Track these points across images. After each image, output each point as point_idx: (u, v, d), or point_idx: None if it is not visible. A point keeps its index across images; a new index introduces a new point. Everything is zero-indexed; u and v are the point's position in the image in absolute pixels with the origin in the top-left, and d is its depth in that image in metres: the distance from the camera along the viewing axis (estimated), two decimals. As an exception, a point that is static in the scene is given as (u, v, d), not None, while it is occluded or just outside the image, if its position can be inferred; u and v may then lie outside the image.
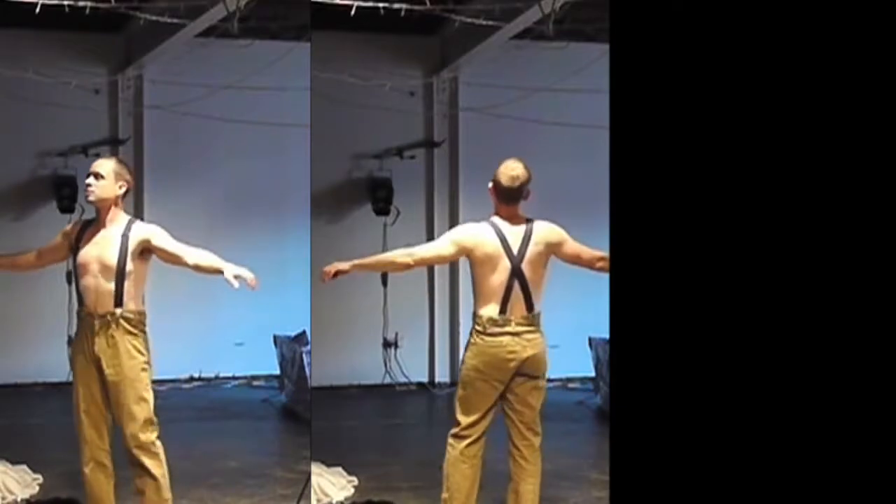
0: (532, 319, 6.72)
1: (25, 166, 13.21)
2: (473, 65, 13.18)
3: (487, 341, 6.67)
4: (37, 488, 8.30)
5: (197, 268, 6.65)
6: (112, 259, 6.68)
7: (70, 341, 12.90)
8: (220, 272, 6.49)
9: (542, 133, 13.05)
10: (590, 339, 11.90)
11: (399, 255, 6.86)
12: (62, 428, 11.58)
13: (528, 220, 6.81)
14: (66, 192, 13.03)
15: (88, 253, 6.72)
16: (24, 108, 12.66)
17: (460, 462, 6.76)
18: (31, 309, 12.93)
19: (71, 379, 7.16)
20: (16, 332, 12.88)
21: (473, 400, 6.73)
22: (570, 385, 12.96)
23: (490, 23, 12.18)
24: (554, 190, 13.19)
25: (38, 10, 11.19)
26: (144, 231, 6.73)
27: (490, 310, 6.68)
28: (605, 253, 6.80)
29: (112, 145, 13.26)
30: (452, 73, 13.40)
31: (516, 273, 6.69)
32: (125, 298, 6.68)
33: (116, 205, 6.77)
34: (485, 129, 13.14)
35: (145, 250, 6.71)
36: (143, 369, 6.74)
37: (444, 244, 6.81)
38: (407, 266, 6.82)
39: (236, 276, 6.42)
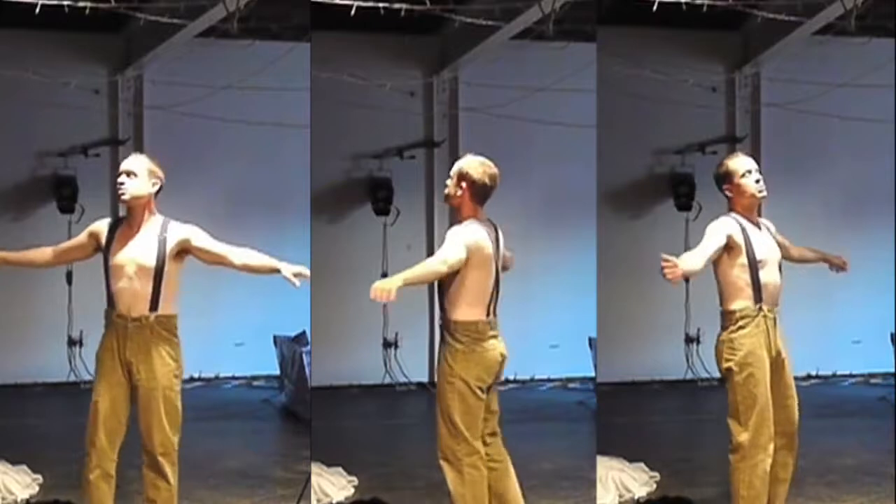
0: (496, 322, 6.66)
1: (25, 166, 13.21)
2: (473, 65, 13.19)
3: (484, 346, 6.58)
4: (37, 488, 8.30)
5: (246, 268, 6.55)
6: (150, 261, 6.58)
7: (70, 342, 12.95)
8: (277, 271, 6.40)
9: (542, 133, 13.07)
10: (590, 339, 11.90)
11: (435, 264, 6.50)
12: (62, 428, 11.62)
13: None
14: (66, 192, 13.04)
15: (124, 255, 6.60)
16: (24, 108, 12.66)
17: (484, 481, 6.59)
18: (31, 309, 12.93)
19: (72, 379, 7.14)
20: (16, 332, 12.88)
21: (475, 412, 6.56)
22: (570, 385, 12.96)
23: (490, 23, 12.19)
24: (553, 190, 13.30)
25: (38, 10, 11.19)
26: (182, 232, 6.63)
27: (480, 313, 6.55)
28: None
29: (112, 145, 13.26)
30: (452, 73, 13.41)
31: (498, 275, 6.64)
32: (161, 302, 6.60)
33: (150, 203, 6.67)
34: (485, 129, 13.15)
35: (182, 251, 6.61)
36: (176, 376, 6.72)
37: (460, 249, 6.49)
38: (442, 274, 6.50)
39: (296, 275, 6.38)
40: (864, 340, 13.23)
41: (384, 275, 12.91)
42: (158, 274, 6.54)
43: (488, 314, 6.58)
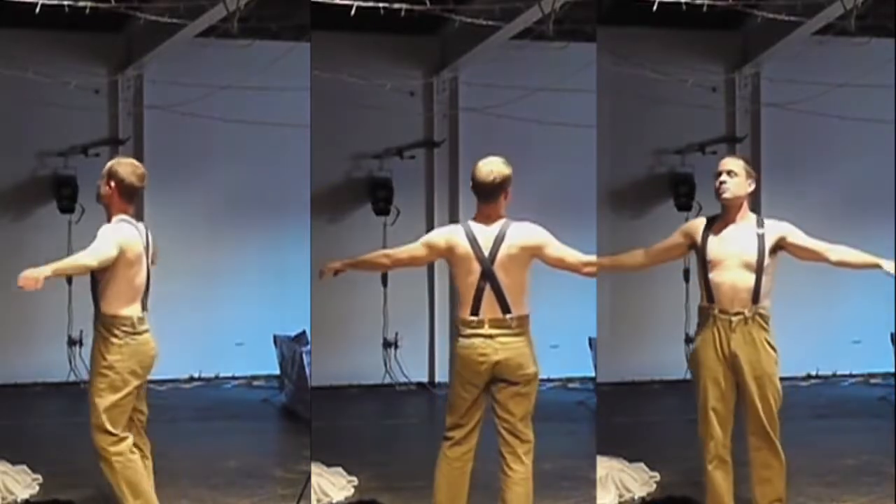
0: (507, 322, 6.68)
1: (25, 166, 13.20)
2: (473, 65, 13.19)
3: (461, 343, 6.69)
4: (37, 488, 8.30)
5: None
6: None
7: (70, 341, 12.95)
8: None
9: (542, 133, 13.07)
10: (590, 340, 11.90)
11: (378, 255, 6.98)
12: (62, 428, 11.62)
13: (506, 221, 6.72)
14: (66, 192, 13.04)
15: None
16: (24, 108, 12.66)
17: (443, 463, 6.80)
18: (31, 309, 12.92)
19: (72, 379, 7.18)
20: (16, 332, 12.88)
21: (454, 402, 6.77)
22: (570, 385, 12.96)
23: (490, 23, 12.19)
24: (553, 190, 13.29)
25: (38, 10, 11.19)
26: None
27: (464, 311, 6.68)
28: (592, 258, 6.78)
29: (112, 145, 13.26)
30: (452, 73, 13.41)
31: (487, 275, 6.64)
32: (100, 300, 6.77)
33: (109, 204, 6.83)
34: (485, 129, 13.14)
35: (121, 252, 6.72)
36: (102, 374, 6.73)
37: (416, 245, 6.81)
38: (385, 266, 7.07)
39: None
40: (864, 340, 13.23)
41: (384, 275, 12.96)
42: (92, 272, 6.67)
43: (474, 313, 6.64)
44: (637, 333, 12.95)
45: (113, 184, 6.80)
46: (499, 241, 6.65)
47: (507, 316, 6.67)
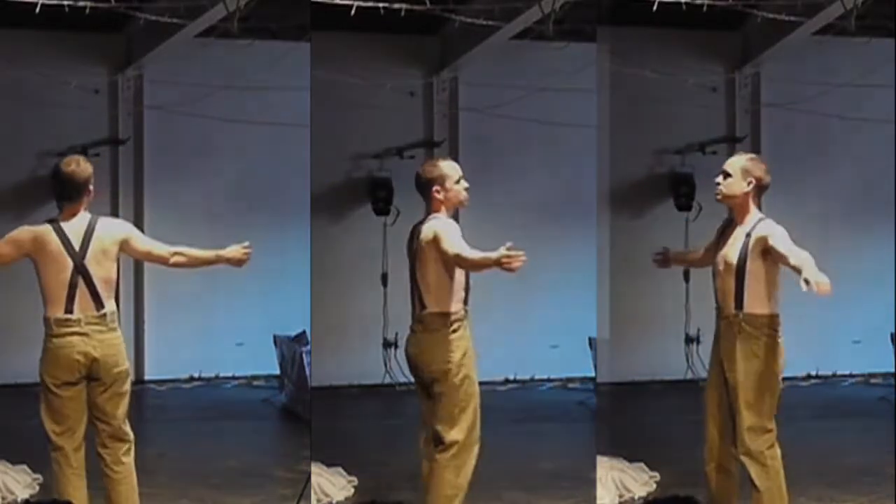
0: (420, 318, 7.01)
1: (25, 166, 13.19)
2: (473, 65, 13.18)
3: None
4: (37, 488, 8.31)
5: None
6: None
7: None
8: None
9: (542, 133, 13.07)
10: (590, 340, 11.90)
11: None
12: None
13: (428, 217, 6.96)
14: (65, 192, 13.02)
15: None
16: (24, 108, 12.65)
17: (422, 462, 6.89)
18: (32, 308, 12.90)
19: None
20: (16, 332, 12.86)
21: None
22: (570, 385, 12.96)
23: (490, 23, 12.19)
24: (553, 190, 13.30)
25: (38, 10, 11.19)
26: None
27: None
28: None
29: (112, 145, 13.25)
30: (452, 73, 13.40)
31: (410, 270, 6.86)
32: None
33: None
34: (485, 129, 13.15)
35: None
36: (42, 377, 6.79)
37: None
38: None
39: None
40: (864, 340, 13.23)
41: (384, 275, 12.95)
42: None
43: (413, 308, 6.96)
44: (637, 333, 12.95)
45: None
46: (415, 235, 6.85)
47: (420, 312, 6.73)
